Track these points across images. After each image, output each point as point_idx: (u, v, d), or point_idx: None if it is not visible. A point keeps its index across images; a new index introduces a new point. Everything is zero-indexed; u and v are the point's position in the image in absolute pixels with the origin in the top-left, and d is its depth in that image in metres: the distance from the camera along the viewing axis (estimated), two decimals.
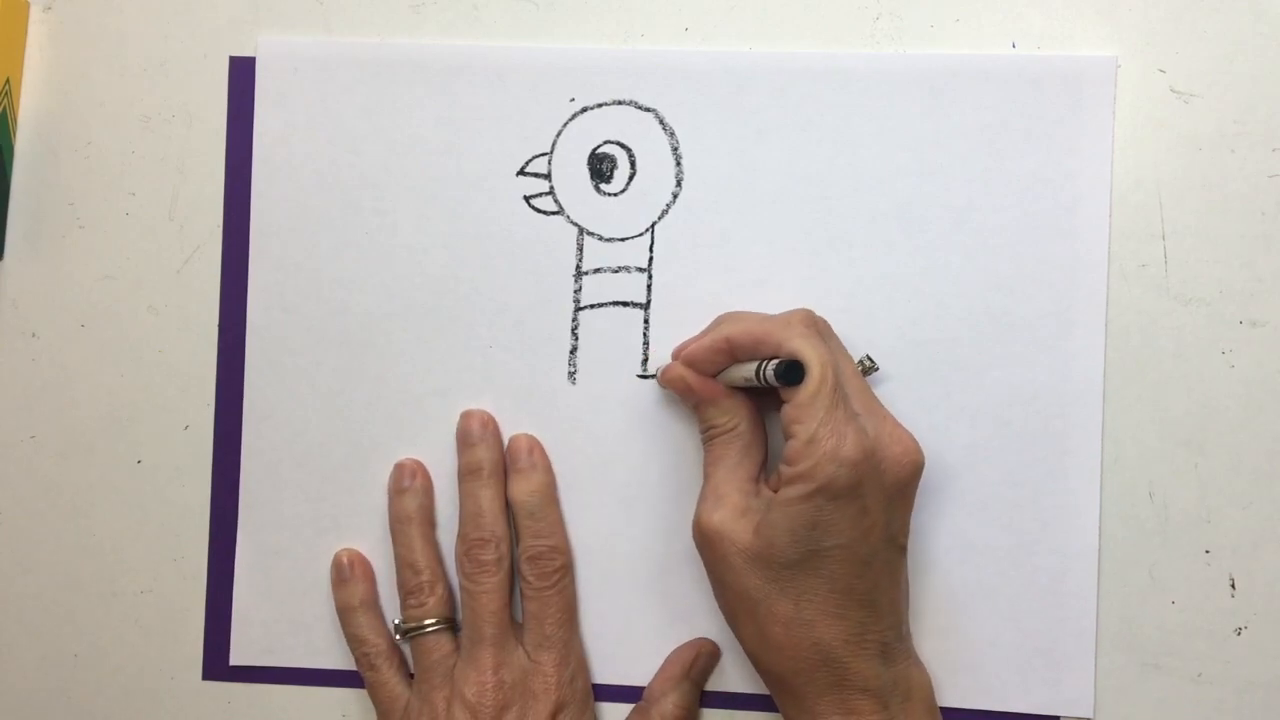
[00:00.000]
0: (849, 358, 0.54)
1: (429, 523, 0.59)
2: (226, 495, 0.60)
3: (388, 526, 0.59)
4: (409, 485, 0.59)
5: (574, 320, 0.59)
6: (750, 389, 0.54)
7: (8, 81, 0.60)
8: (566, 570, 0.58)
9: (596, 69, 0.59)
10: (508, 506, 0.58)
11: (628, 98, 0.59)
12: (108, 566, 0.61)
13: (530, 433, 0.59)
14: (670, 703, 0.57)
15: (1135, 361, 0.57)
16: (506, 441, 0.59)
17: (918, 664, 0.54)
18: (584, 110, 0.59)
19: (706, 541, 0.53)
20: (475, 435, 0.58)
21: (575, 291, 0.59)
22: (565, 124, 0.59)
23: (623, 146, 0.59)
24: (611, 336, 0.59)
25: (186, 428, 0.61)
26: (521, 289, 0.59)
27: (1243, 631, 0.57)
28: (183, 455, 0.61)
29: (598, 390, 0.59)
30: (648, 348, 0.58)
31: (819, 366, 0.50)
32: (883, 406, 0.53)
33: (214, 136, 0.60)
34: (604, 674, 0.59)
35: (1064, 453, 0.57)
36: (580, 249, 0.59)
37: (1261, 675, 0.57)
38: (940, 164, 0.57)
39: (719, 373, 0.55)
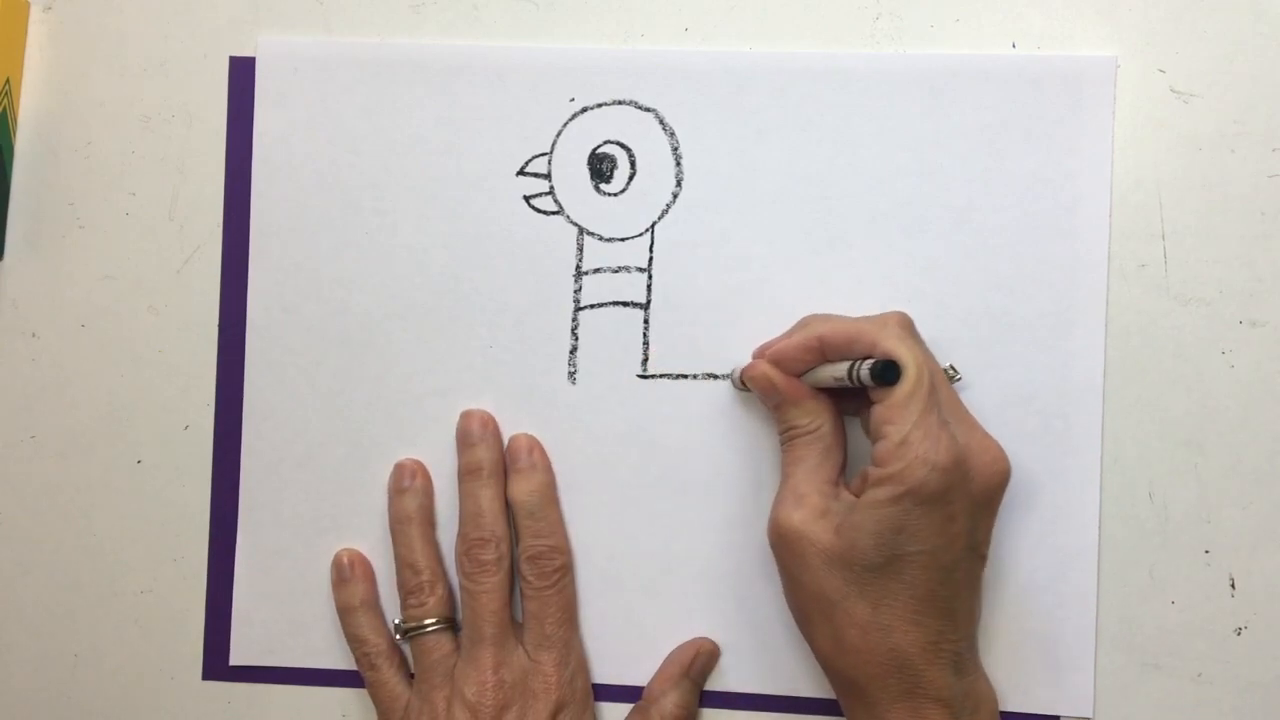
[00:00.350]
0: (938, 364, 0.53)
1: (429, 523, 0.59)
2: (226, 495, 0.60)
3: (387, 526, 0.59)
4: (409, 485, 0.59)
5: (574, 320, 0.59)
6: (832, 391, 0.54)
7: (8, 81, 0.60)
8: (566, 570, 0.57)
9: (596, 69, 0.59)
10: (508, 506, 0.58)
11: (628, 98, 0.59)
12: (108, 566, 0.61)
13: (530, 433, 0.59)
14: (670, 702, 0.57)
15: (1135, 361, 0.57)
16: (506, 441, 0.59)
17: (985, 677, 0.54)
18: (584, 110, 0.59)
19: (784, 541, 0.52)
20: (475, 435, 0.58)
21: (575, 291, 0.59)
22: (565, 124, 0.59)
23: (623, 146, 0.59)
24: (611, 336, 0.59)
25: (186, 428, 0.61)
26: (521, 289, 0.59)
27: (1243, 631, 0.57)
28: (183, 455, 0.61)
29: (598, 390, 0.59)
30: (648, 348, 0.58)
31: (915, 368, 0.50)
32: (971, 415, 0.53)
33: (214, 136, 0.60)
34: (604, 674, 0.59)
35: (1064, 453, 0.57)
36: (580, 249, 0.59)
37: (1261, 675, 0.57)
38: (940, 164, 0.57)
39: (804, 372, 0.54)
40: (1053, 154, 0.57)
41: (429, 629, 0.57)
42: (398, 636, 0.59)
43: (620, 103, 0.59)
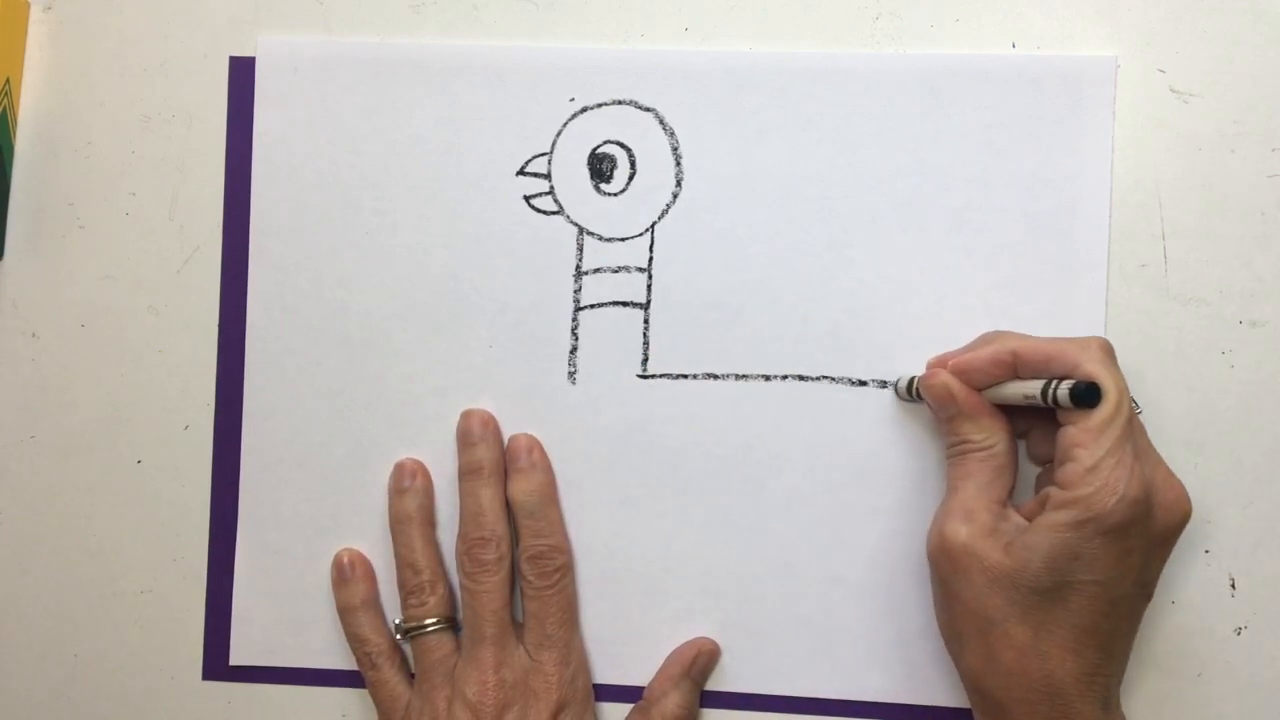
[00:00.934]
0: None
1: (429, 522, 0.59)
2: (226, 495, 0.60)
3: (388, 526, 0.59)
4: (409, 485, 0.59)
5: (574, 320, 0.59)
6: (1006, 411, 0.54)
7: (8, 81, 0.60)
8: (567, 570, 0.57)
9: (596, 69, 0.59)
10: (508, 506, 0.58)
11: (628, 98, 0.59)
12: (108, 566, 0.61)
13: (530, 433, 0.59)
14: (671, 702, 0.57)
15: (1135, 361, 0.57)
16: (506, 441, 0.59)
17: (1120, 711, 0.53)
18: (584, 110, 0.59)
19: (950, 556, 0.51)
20: (476, 435, 0.58)
21: (575, 291, 0.59)
22: (565, 124, 0.59)
23: (623, 146, 0.59)
24: (611, 336, 0.59)
25: (186, 428, 0.61)
26: (521, 289, 0.59)
27: (1243, 631, 0.57)
28: (183, 455, 0.61)
29: (598, 390, 0.59)
30: (648, 348, 0.58)
31: (1116, 394, 0.49)
32: (1156, 451, 0.52)
33: (214, 136, 0.60)
34: (604, 674, 0.59)
35: None
36: (580, 249, 0.59)
37: (1261, 675, 0.57)
38: (940, 164, 0.57)
39: (987, 387, 0.53)
40: (1053, 154, 0.57)
41: (429, 629, 0.57)
42: (398, 636, 0.59)
43: (620, 103, 0.59)
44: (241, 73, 0.60)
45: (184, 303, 0.61)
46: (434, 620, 0.57)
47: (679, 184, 0.59)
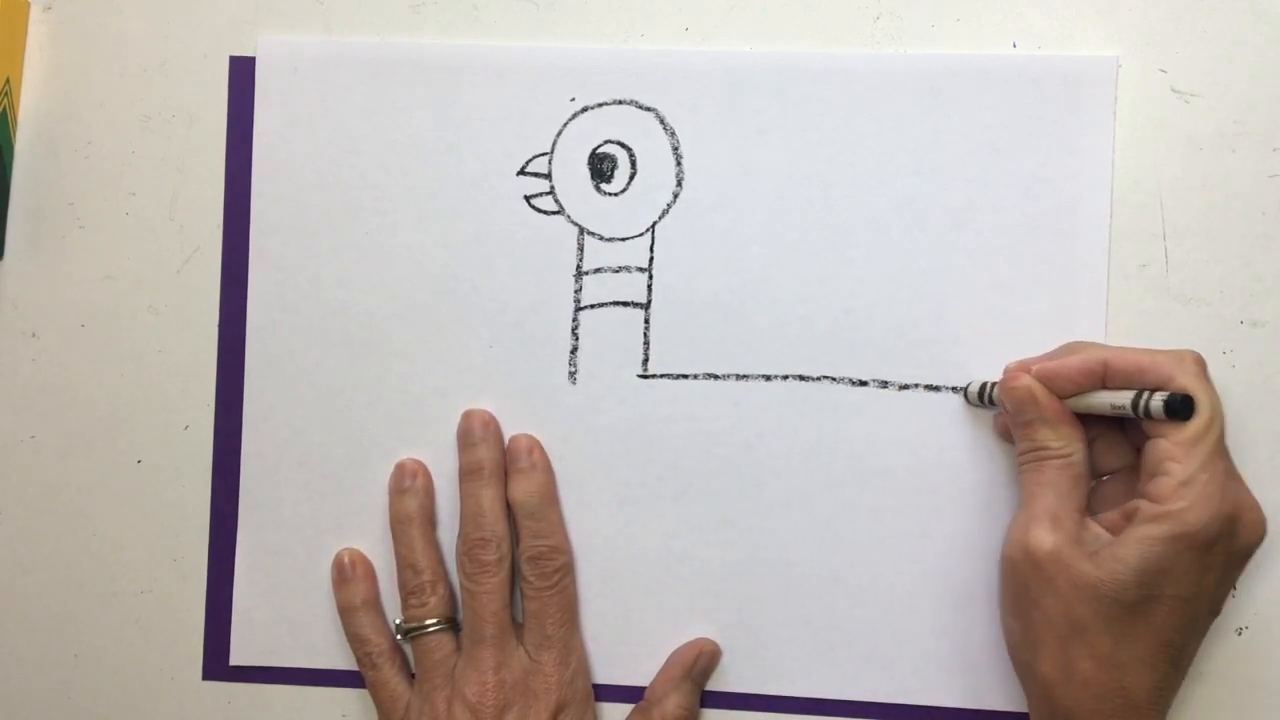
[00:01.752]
0: None
1: (430, 523, 0.59)
2: (226, 495, 0.60)
3: (388, 526, 0.59)
4: (410, 485, 0.59)
5: (574, 320, 0.59)
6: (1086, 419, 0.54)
7: (8, 81, 0.60)
8: (567, 570, 0.57)
9: (597, 69, 0.59)
10: (508, 506, 0.58)
11: (628, 97, 0.59)
12: (108, 566, 0.61)
13: (530, 433, 0.59)
14: (672, 703, 0.57)
15: None
16: (507, 441, 0.59)
17: None
18: (584, 110, 0.59)
19: (1034, 562, 0.51)
20: (476, 435, 0.58)
21: (575, 291, 0.59)
22: (565, 124, 0.59)
23: (623, 146, 0.59)
24: (612, 336, 0.59)
25: (186, 428, 0.61)
26: (522, 289, 0.59)
27: (1243, 631, 0.57)
28: (183, 455, 0.61)
29: (598, 390, 0.59)
30: (648, 348, 0.58)
31: (1210, 409, 0.50)
32: (1237, 470, 0.52)
33: (214, 136, 0.60)
34: (604, 674, 0.59)
35: None
36: (580, 249, 0.59)
37: (1261, 675, 0.57)
38: (940, 164, 0.57)
39: (1071, 395, 0.53)
40: (1053, 154, 0.57)
41: (430, 629, 0.57)
42: (399, 636, 0.59)
43: (620, 102, 0.59)
44: (241, 73, 0.60)
45: (184, 303, 0.61)
46: (434, 621, 0.57)
47: (679, 184, 0.59)
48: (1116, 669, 0.49)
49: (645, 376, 0.59)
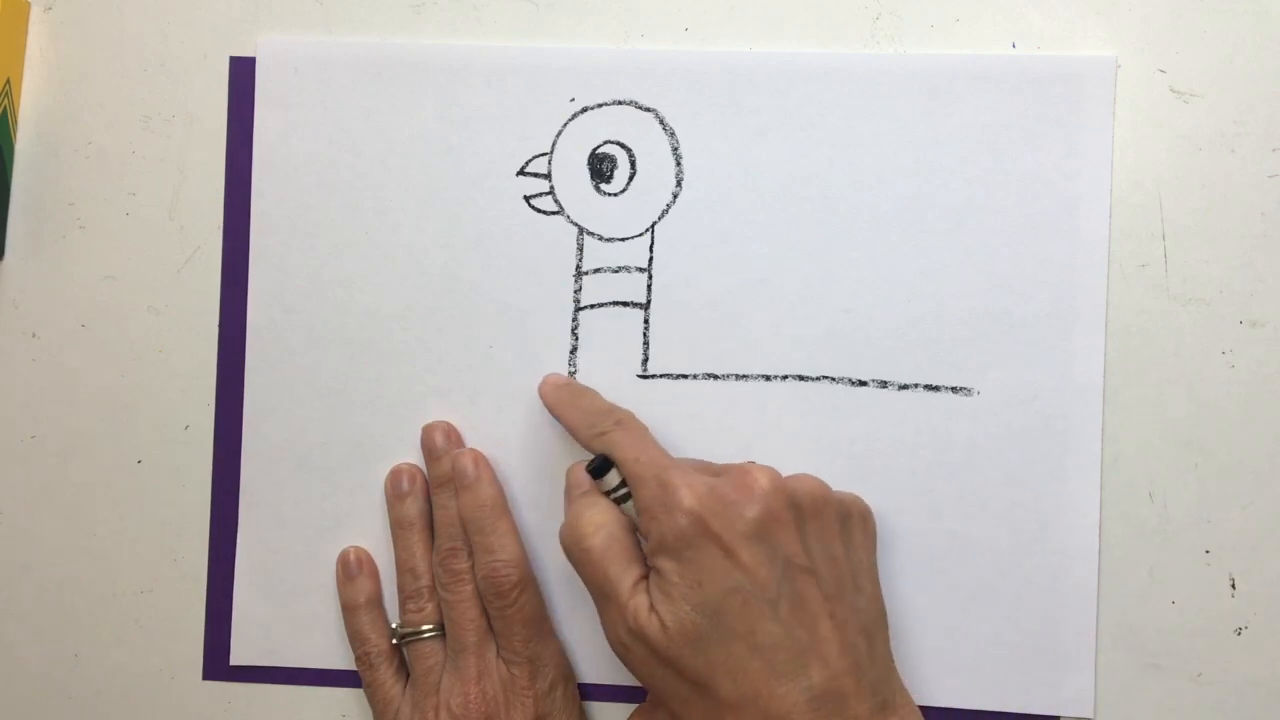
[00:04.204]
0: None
1: (429, 528, 0.59)
2: (226, 495, 0.60)
3: (388, 527, 0.59)
4: (409, 490, 0.59)
5: (574, 320, 0.59)
6: None
7: (8, 81, 0.60)
8: (524, 585, 0.56)
9: (596, 69, 0.59)
10: None
11: (628, 98, 0.59)
12: (108, 566, 0.61)
13: (530, 432, 0.59)
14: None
15: (1135, 361, 0.57)
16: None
17: (903, 710, 0.51)
18: (584, 110, 0.59)
19: (630, 652, 0.51)
20: (440, 448, 0.58)
21: (575, 291, 0.59)
22: (565, 124, 0.59)
23: (623, 146, 0.59)
24: (612, 336, 0.59)
25: (186, 428, 0.61)
26: (521, 289, 0.59)
27: (1243, 631, 0.57)
28: (183, 455, 0.61)
29: (598, 390, 0.59)
30: (648, 348, 0.58)
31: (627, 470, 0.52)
32: (701, 462, 0.55)
33: (214, 136, 0.60)
34: (604, 674, 0.59)
35: (1064, 452, 0.57)
36: (580, 249, 0.59)
37: (1261, 675, 0.57)
38: (940, 164, 0.57)
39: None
40: (1053, 154, 0.57)
41: (425, 635, 0.57)
42: (394, 641, 0.59)
43: (620, 103, 0.59)
44: (242, 73, 0.60)
45: (184, 303, 0.61)
46: (430, 627, 0.57)
47: (679, 184, 0.59)
48: (757, 702, 0.48)
49: (645, 376, 0.59)
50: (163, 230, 0.61)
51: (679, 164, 0.59)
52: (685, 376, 0.58)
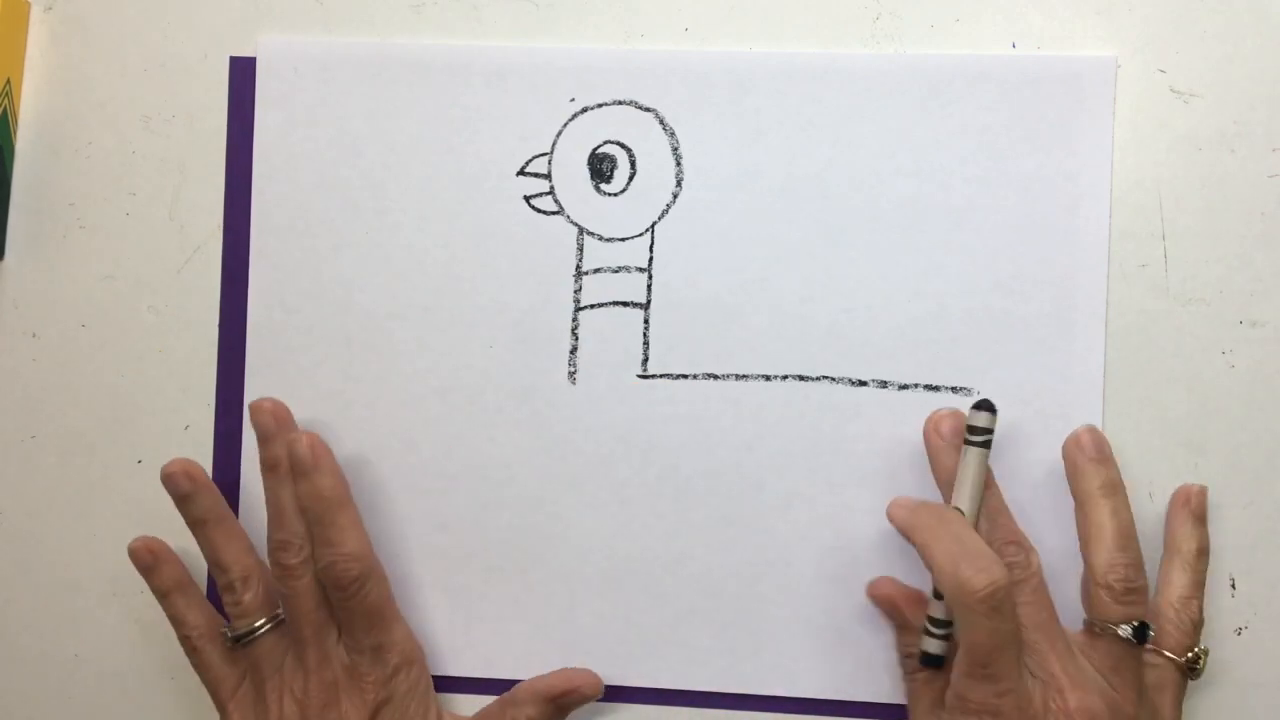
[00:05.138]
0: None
1: (224, 519, 0.58)
2: (227, 495, 0.60)
3: (387, 529, 0.59)
4: (191, 489, 0.57)
5: (574, 320, 0.59)
6: None
7: (8, 81, 0.60)
8: (366, 577, 0.55)
9: (596, 69, 0.59)
10: None
11: (628, 98, 0.59)
12: (108, 566, 0.61)
13: (530, 432, 0.59)
14: (523, 716, 0.57)
15: (1135, 361, 0.57)
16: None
17: None
18: (584, 110, 0.59)
19: None
20: (269, 428, 0.57)
21: (575, 291, 0.59)
22: (565, 124, 0.59)
23: (623, 146, 0.59)
24: (612, 336, 0.59)
25: (186, 428, 0.61)
26: (521, 289, 0.59)
27: (1243, 631, 0.57)
28: (182, 455, 0.60)
29: (598, 390, 0.59)
30: (648, 348, 0.58)
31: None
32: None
33: (214, 136, 0.60)
34: (612, 673, 0.59)
35: None
36: (580, 249, 0.59)
37: (1261, 675, 0.57)
38: (940, 164, 0.57)
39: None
40: (1053, 154, 0.57)
41: (259, 632, 0.56)
42: (230, 646, 0.57)
43: (620, 103, 0.59)
44: (242, 73, 0.60)
45: (184, 303, 0.61)
46: (261, 622, 0.56)
47: (679, 184, 0.59)
48: None
49: (645, 376, 0.59)
50: (163, 230, 0.61)
51: (679, 164, 0.59)
52: (685, 376, 0.58)
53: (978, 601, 0.48)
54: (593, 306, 0.59)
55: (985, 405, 0.53)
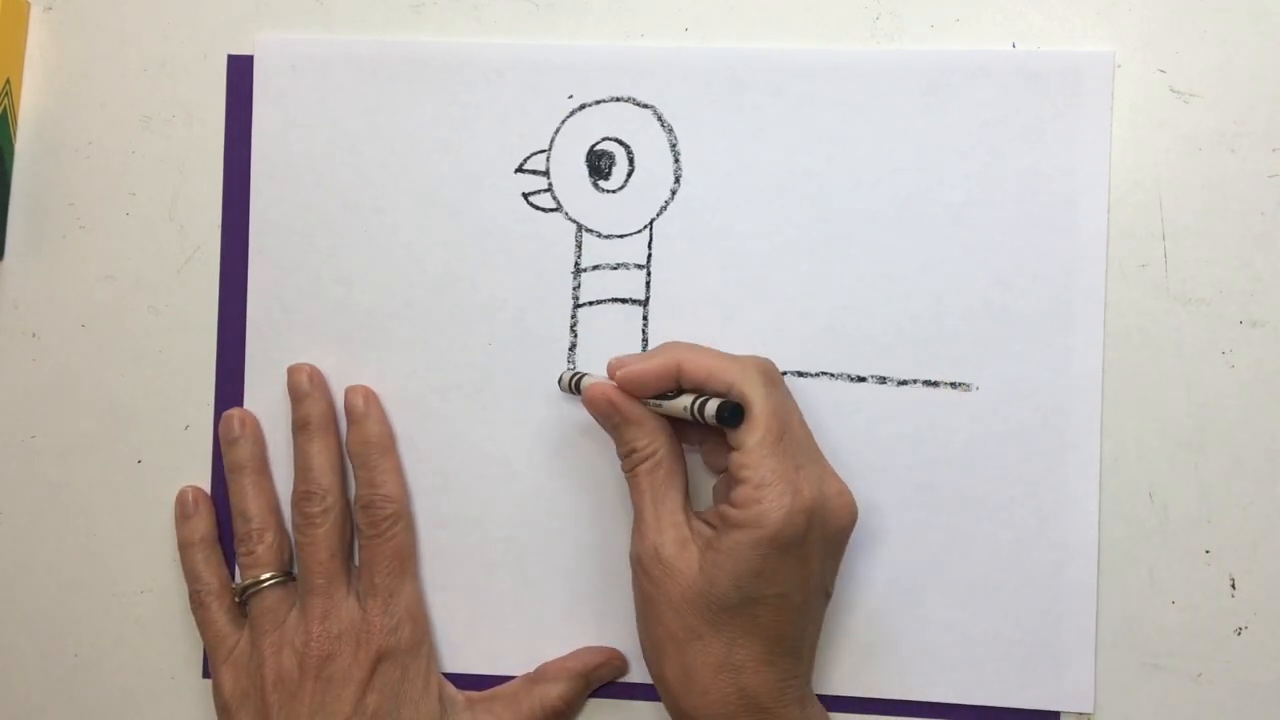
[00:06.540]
0: (796, 408, 0.53)
1: (261, 471, 0.59)
2: (227, 495, 0.60)
3: None
4: (240, 434, 0.59)
5: (573, 317, 0.59)
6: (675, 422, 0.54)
7: (8, 81, 0.60)
8: (398, 518, 0.57)
9: (594, 66, 0.59)
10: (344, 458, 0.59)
11: (626, 94, 0.59)
12: (108, 566, 0.61)
13: (530, 432, 0.59)
14: (555, 693, 0.57)
15: (1135, 361, 0.57)
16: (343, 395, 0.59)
17: (816, 701, 0.54)
18: (582, 107, 0.59)
19: (647, 574, 0.52)
20: (304, 389, 0.59)
21: (574, 288, 0.59)
22: (563, 121, 0.59)
23: (621, 143, 0.59)
24: (610, 333, 0.59)
25: (186, 428, 0.61)
26: (520, 286, 0.59)
27: (1243, 631, 0.57)
28: (183, 455, 0.61)
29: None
30: (647, 344, 0.58)
31: (765, 415, 0.50)
32: (824, 457, 0.53)
33: (214, 136, 0.61)
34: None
35: (1063, 448, 0.57)
36: (579, 246, 0.59)
37: (1261, 675, 0.56)
38: (939, 160, 0.57)
39: (652, 397, 0.53)
40: (1051, 150, 0.57)
41: (265, 584, 0.57)
42: (236, 599, 0.58)
43: (618, 99, 0.59)
44: (240, 71, 0.60)
45: (184, 303, 0.61)
46: (268, 575, 0.58)
47: (677, 181, 0.59)
48: (732, 671, 0.50)
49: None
50: (163, 230, 0.61)
51: (677, 160, 0.59)
52: None
53: (761, 373, 0.51)
54: (591, 304, 0.59)
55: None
